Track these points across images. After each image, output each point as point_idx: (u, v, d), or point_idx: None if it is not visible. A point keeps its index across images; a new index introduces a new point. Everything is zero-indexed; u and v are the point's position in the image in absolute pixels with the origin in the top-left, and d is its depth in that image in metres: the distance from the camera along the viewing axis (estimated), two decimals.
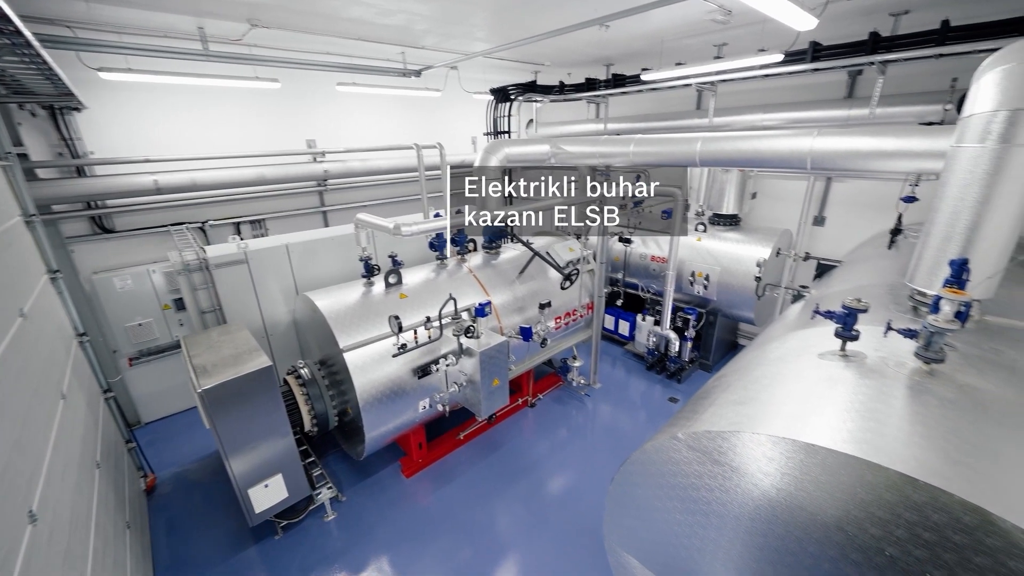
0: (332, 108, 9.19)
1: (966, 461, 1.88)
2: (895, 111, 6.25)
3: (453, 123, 11.29)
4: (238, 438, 4.50)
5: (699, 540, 2.67)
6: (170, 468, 6.49)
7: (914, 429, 2.06)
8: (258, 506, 4.76)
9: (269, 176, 7.87)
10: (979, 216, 2.88)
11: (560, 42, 6.92)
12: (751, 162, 5.10)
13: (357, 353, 5.11)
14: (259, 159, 7.96)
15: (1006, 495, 1.74)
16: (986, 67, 2.85)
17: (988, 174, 2.81)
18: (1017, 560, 1.62)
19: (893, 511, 1.84)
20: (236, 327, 5.44)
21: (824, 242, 8.12)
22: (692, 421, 2.68)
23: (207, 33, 5.87)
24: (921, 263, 3.23)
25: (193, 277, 5.77)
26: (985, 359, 2.71)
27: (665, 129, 8.90)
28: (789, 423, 2.25)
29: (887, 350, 2.77)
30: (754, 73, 6.82)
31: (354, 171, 8.97)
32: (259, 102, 8.24)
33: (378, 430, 5.33)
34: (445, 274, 6.47)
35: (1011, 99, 2.70)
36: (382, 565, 5.00)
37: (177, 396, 7.58)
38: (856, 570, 1.99)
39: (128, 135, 7.07)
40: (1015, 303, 3.84)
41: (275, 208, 8.85)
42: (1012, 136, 2.73)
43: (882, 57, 5.58)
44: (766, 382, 2.80)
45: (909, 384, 2.42)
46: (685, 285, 8.42)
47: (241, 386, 4.40)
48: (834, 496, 2.01)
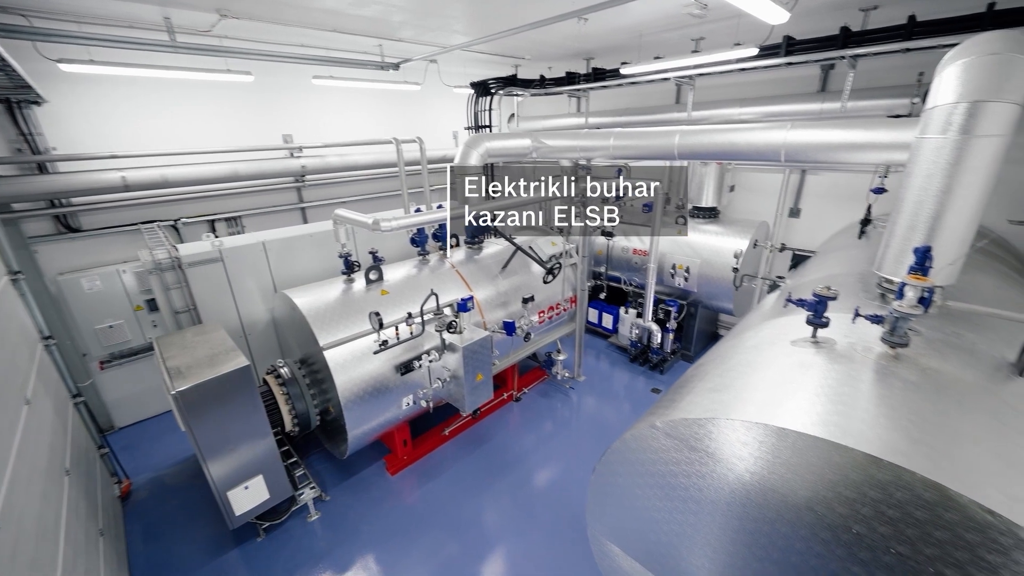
0: (309, 102, 8.99)
1: (927, 440, 1.95)
2: (866, 104, 6.41)
3: (434, 117, 11.17)
4: (215, 440, 4.41)
5: (679, 526, 2.73)
6: (146, 473, 6.32)
7: (879, 411, 2.14)
8: (238, 508, 4.67)
9: (244, 172, 7.67)
10: (942, 205, 2.99)
11: (539, 35, 6.89)
12: (728, 155, 5.18)
13: (338, 351, 5.04)
14: (233, 155, 7.74)
15: (964, 471, 1.82)
16: (947, 61, 2.94)
17: (950, 164, 2.91)
18: (974, 533, 1.69)
19: (859, 490, 1.91)
20: (212, 327, 5.31)
21: (799, 233, 8.32)
22: (670, 409, 2.72)
23: (174, 24, 5.66)
24: (888, 251, 3.33)
25: (165, 276, 5.60)
26: (947, 343, 2.82)
27: (645, 123, 8.97)
28: (761, 408, 2.31)
29: (856, 336, 2.85)
30: (731, 67, 6.91)
31: (333, 167, 8.81)
32: (232, 96, 8.01)
33: (361, 428, 5.28)
34: (427, 270, 6.42)
35: (971, 91, 2.79)
36: (368, 563, 4.97)
37: (152, 399, 7.37)
38: (825, 548, 2.05)
39: (92, 130, 6.79)
40: (976, 288, 4.00)
41: (252, 205, 8.64)
42: (972, 127, 2.83)
43: (852, 51, 5.72)
44: (741, 369, 2.86)
45: (876, 368, 2.50)
46: (666, 277, 8.53)
47: (217, 387, 4.30)
48: (804, 478, 2.07)
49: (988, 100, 2.74)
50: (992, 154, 2.83)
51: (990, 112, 2.75)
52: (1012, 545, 1.62)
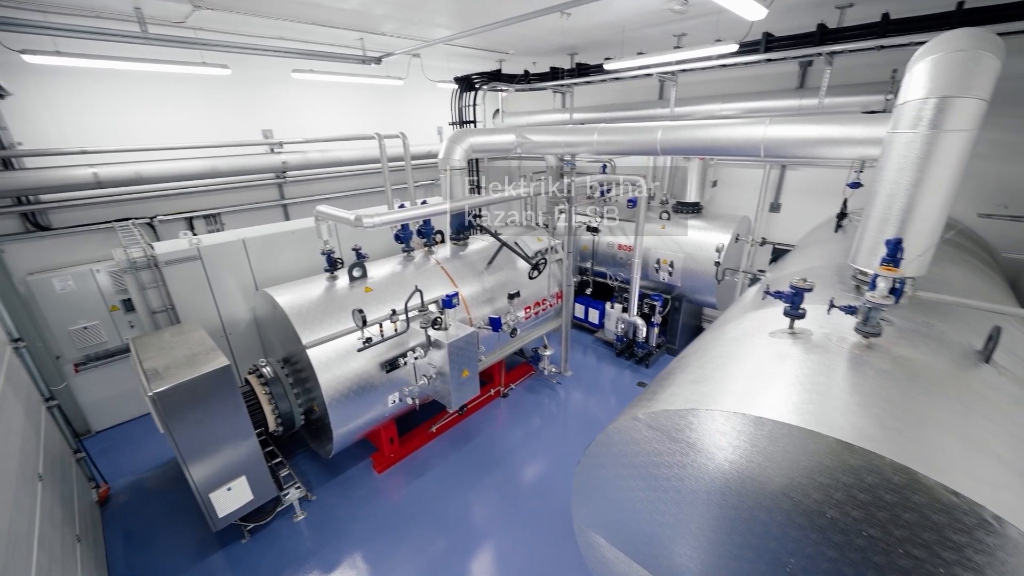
0: (289, 96, 8.82)
1: (897, 426, 2.01)
2: (842, 101, 6.55)
3: (418, 113, 11.06)
4: (196, 442, 4.32)
5: (661, 516, 2.77)
6: (126, 477, 6.17)
7: (852, 399, 2.20)
8: (221, 510, 4.60)
9: (223, 168, 7.49)
10: (913, 198, 3.06)
11: (522, 29, 6.86)
12: (709, 150, 5.23)
13: (321, 349, 4.98)
14: (211, 150, 7.56)
15: (931, 455, 1.89)
16: (917, 57, 3.01)
17: (920, 158, 2.98)
18: (940, 514, 1.76)
19: (832, 476, 1.96)
20: (191, 327, 5.19)
21: (779, 228, 8.48)
22: (652, 401, 2.76)
23: (145, 14, 5.48)
24: (862, 244, 3.41)
25: (141, 275, 5.46)
26: (918, 332, 2.91)
27: (629, 119, 9.02)
28: (740, 399, 2.36)
29: (831, 327, 2.93)
30: (712, 63, 6.98)
31: (314, 162, 8.66)
32: (209, 89, 7.81)
33: (346, 427, 5.23)
34: (412, 267, 6.37)
35: (939, 87, 2.86)
36: (356, 562, 4.94)
37: (131, 402, 7.19)
38: (801, 533, 2.11)
39: (61, 124, 6.56)
40: (947, 279, 4.14)
41: (231, 202, 8.45)
42: (941, 122, 2.90)
43: (829, 48, 5.83)
44: (721, 361, 2.91)
45: (850, 357, 2.57)
46: (651, 272, 8.62)
47: (197, 388, 4.22)
48: (780, 465, 2.12)
49: (956, 96, 2.82)
50: (960, 148, 2.91)
51: (958, 107, 2.83)
52: (975, 525, 1.69)
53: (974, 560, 1.70)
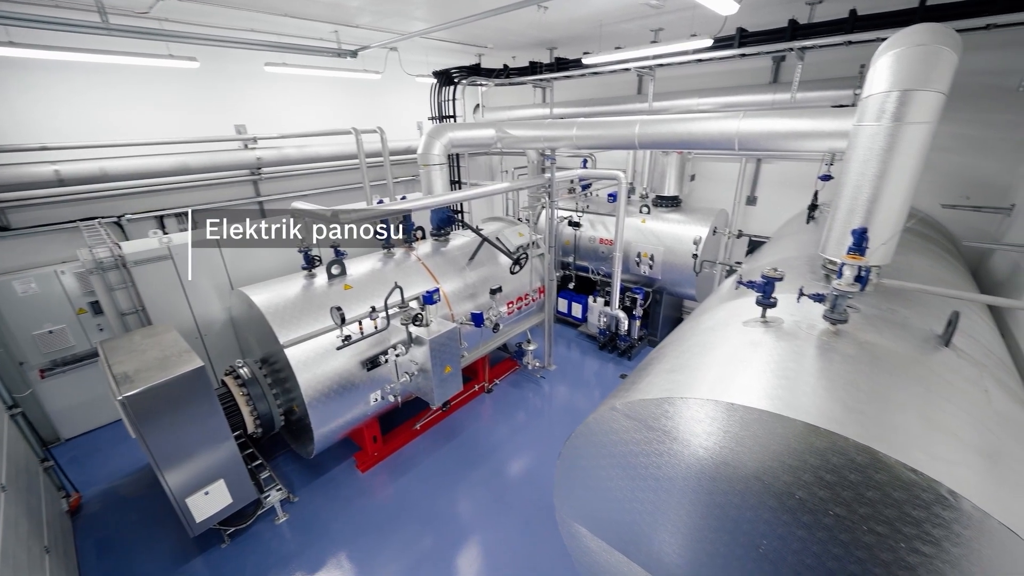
0: (262, 91, 8.59)
1: (860, 408, 2.09)
2: (814, 95, 6.71)
3: (397, 108, 10.90)
4: (170, 447, 4.21)
5: (640, 504, 2.82)
6: (98, 485, 5.98)
7: (819, 383, 2.27)
8: (199, 515, 4.50)
9: (194, 164, 7.27)
10: (877, 189, 3.16)
11: (500, 23, 6.81)
12: (686, 143, 5.30)
13: (300, 348, 4.89)
14: (180, 146, 7.32)
15: (892, 435, 1.96)
16: (881, 52, 3.10)
17: (884, 150, 3.08)
18: (900, 491, 1.83)
19: (800, 458, 2.02)
20: (163, 328, 5.04)
21: (756, 220, 8.66)
22: (629, 392, 2.79)
23: (106, 3, 5.23)
24: (831, 234, 3.50)
25: (108, 276, 5.27)
26: (883, 318, 3.02)
27: (608, 113, 9.07)
28: (713, 386, 2.41)
29: (801, 315, 3.01)
30: (688, 58, 7.06)
31: (290, 158, 8.47)
32: (177, 83, 7.55)
33: (327, 426, 5.17)
34: (392, 263, 6.30)
35: (901, 80, 2.95)
36: (340, 562, 4.90)
37: (102, 408, 6.94)
38: (772, 515, 2.17)
39: (18, 120, 6.26)
40: (911, 268, 4.29)
41: (204, 199, 8.21)
42: (903, 115, 3.00)
43: (800, 44, 5.95)
44: (697, 350, 2.96)
45: (818, 344, 2.65)
46: (632, 266, 8.72)
47: (170, 391, 4.10)
48: (752, 450, 2.18)
49: (917, 89, 2.91)
50: (921, 140, 3.01)
51: (918, 100, 2.92)
52: (933, 500, 1.76)
53: (932, 534, 1.78)
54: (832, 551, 2.02)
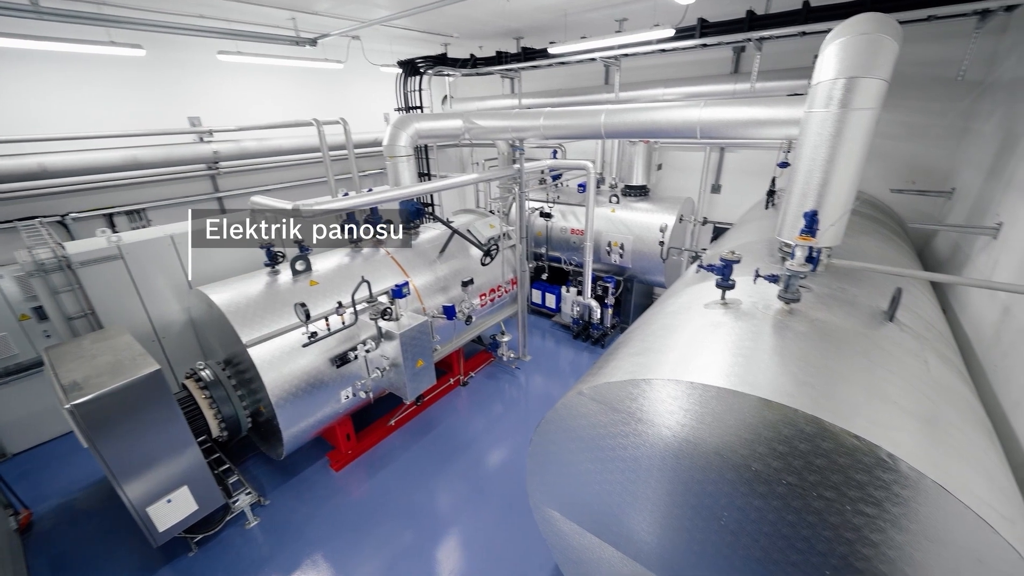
0: (216, 81, 8.19)
1: (810, 382, 2.18)
2: (772, 85, 6.92)
3: (362, 99, 10.62)
4: (127, 455, 4.01)
5: (609, 485, 2.88)
6: (50, 500, 5.65)
7: (772, 360, 2.36)
8: (161, 524, 4.32)
9: (144, 159, 6.88)
10: (827, 173, 3.29)
11: (465, 11, 6.71)
12: (650, 132, 5.38)
13: (264, 347, 4.74)
14: (129, 140, 6.92)
15: (837, 405, 2.06)
16: (828, 40, 3.21)
17: (832, 136, 3.20)
18: (845, 457, 1.93)
19: (755, 432, 2.10)
20: (115, 331, 4.78)
21: (721, 207, 8.91)
22: (596, 376, 2.84)
23: None
24: (786, 218, 3.62)
25: (52, 279, 4.95)
26: (833, 297, 3.16)
27: (576, 103, 9.10)
28: (674, 367, 2.47)
29: (759, 296, 3.12)
30: (652, 48, 7.14)
31: (250, 152, 8.14)
32: (123, 73, 7.10)
33: (297, 426, 5.04)
34: (360, 258, 6.17)
35: (847, 68, 3.07)
36: (316, 562, 4.82)
37: (52, 419, 6.54)
38: (731, 488, 2.26)
39: None
40: (861, 249, 4.51)
41: (158, 196, 7.81)
42: (849, 101, 3.12)
43: (757, 34, 6.11)
44: (661, 333, 3.03)
45: (773, 323, 2.75)
46: (603, 255, 8.83)
47: (123, 397, 3.90)
48: (711, 427, 2.25)
49: (861, 76, 3.04)
50: (866, 125, 3.14)
51: (863, 87, 3.05)
52: (874, 463, 1.87)
53: (874, 495, 1.89)
54: (786, 518, 2.12)
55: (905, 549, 1.86)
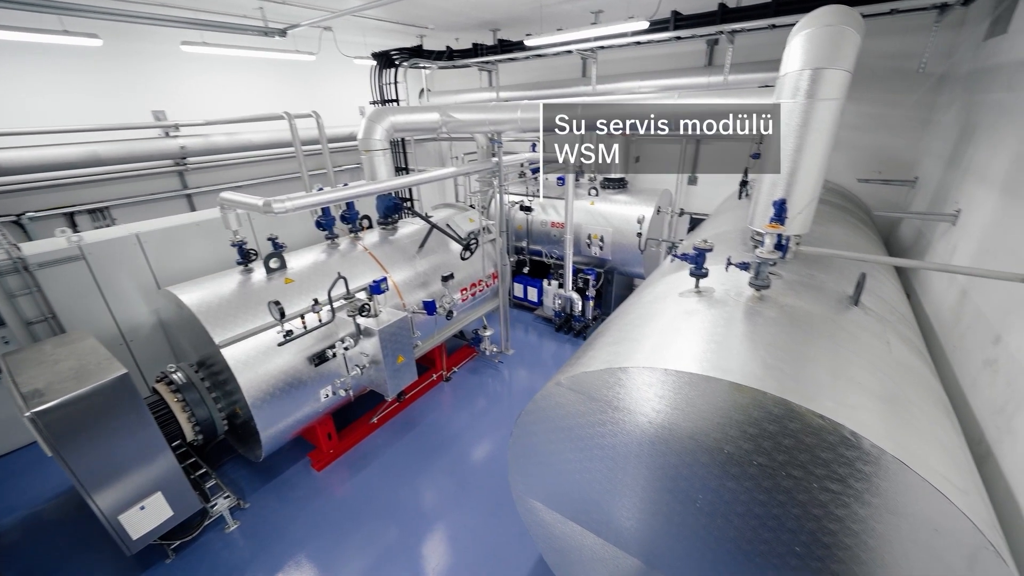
0: (181, 73, 7.88)
1: (778, 365, 2.25)
2: (744, 77, 7.02)
3: (336, 92, 10.39)
4: (95, 463, 3.87)
5: (589, 473, 2.92)
6: (16, 513, 5.42)
7: (743, 346, 2.42)
8: (135, 532, 4.19)
9: (106, 155, 6.59)
10: (795, 162, 3.37)
11: (439, 2, 6.61)
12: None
13: (238, 347, 4.62)
14: (88, 135, 6.60)
15: (804, 387, 2.13)
16: (794, 32, 3.29)
17: (800, 126, 3.29)
18: (811, 436, 2.00)
19: (726, 415, 2.15)
20: (79, 335, 4.59)
21: (697, 199, 9.06)
22: (574, 366, 2.86)
23: None
24: (757, 208, 3.71)
25: (7, 281, 4.71)
26: (802, 283, 3.25)
27: (554, 96, 9.09)
28: (650, 355, 2.51)
29: (731, 284, 3.19)
30: (627, 40, 7.17)
31: (219, 147, 7.88)
32: (80, 63, 6.77)
33: (275, 427, 4.95)
34: (337, 255, 6.05)
35: (812, 59, 3.15)
36: (299, 562, 4.76)
37: (15, 429, 6.24)
38: (705, 470, 2.31)
39: None
40: (829, 236, 4.65)
41: (122, 193, 7.50)
42: (815, 92, 3.21)
43: (729, 27, 6.19)
44: (637, 323, 3.07)
45: (745, 309, 2.82)
46: (584, 248, 8.88)
47: (89, 403, 3.75)
48: (685, 412, 2.29)
49: (826, 67, 3.12)
50: (831, 115, 3.23)
51: (828, 78, 3.13)
52: (838, 442, 1.94)
53: (839, 472, 1.96)
54: (758, 498, 2.19)
55: (868, 522, 1.94)
